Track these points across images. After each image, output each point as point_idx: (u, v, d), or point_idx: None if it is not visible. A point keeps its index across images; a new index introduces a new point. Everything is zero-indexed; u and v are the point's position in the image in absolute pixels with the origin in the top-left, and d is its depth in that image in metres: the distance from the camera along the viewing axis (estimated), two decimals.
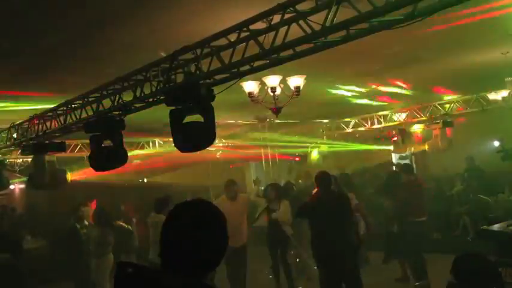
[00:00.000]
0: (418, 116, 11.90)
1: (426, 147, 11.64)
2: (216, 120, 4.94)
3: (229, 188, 8.14)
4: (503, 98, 9.70)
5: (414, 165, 14.92)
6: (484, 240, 5.80)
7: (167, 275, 1.78)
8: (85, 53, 5.96)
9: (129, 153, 6.37)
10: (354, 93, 10.19)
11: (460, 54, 7.74)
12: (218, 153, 14.19)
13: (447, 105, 11.35)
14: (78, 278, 8.45)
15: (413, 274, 8.16)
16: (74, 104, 6.46)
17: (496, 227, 5.80)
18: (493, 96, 9.93)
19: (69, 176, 7.65)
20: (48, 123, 7.01)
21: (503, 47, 7.46)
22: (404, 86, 9.81)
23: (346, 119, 13.65)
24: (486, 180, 11.10)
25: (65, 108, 6.60)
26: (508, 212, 8.71)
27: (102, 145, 6.02)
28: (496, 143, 12.32)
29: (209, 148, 5.61)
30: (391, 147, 13.43)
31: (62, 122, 6.69)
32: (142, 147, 12.55)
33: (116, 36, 5.42)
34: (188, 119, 4.97)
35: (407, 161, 15.12)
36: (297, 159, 15.79)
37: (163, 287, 1.72)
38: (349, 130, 13.71)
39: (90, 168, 6.13)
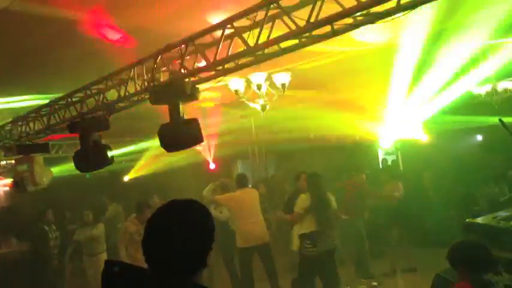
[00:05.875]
0: None
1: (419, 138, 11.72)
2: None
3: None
4: (487, 92, 9.80)
5: (400, 160, 15.07)
6: (470, 233, 5.84)
7: (153, 274, 1.76)
8: (66, 54, 5.89)
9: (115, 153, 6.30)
10: None
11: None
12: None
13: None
14: (40, 282, 8.45)
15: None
16: (58, 104, 6.38)
17: (481, 219, 5.84)
18: (476, 90, 10.01)
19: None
20: (31, 124, 6.92)
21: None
22: None
23: None
24: (470, 173, 11.18)
25: (48, 108, 6.51)
26: (492, 204, 8.80)
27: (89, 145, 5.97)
28: (479, 137, 12.47)
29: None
30: None
31: (46, 122, 6.60)
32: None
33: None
34: None
35: (393, 157, 15.24)
36: None
37: (149, 286, 1.70)
38: None
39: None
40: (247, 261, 7.63)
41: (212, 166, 14.20)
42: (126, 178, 14.61)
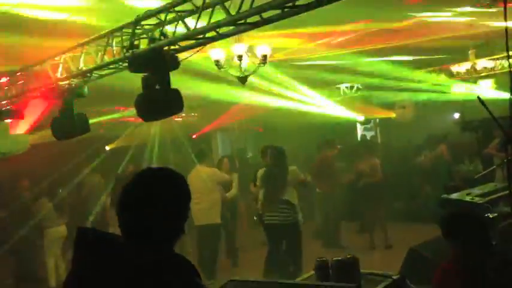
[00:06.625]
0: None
1: (393, 115, 11.91)
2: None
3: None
4: (467, 70, 9.90)
5: (379, 136, 15.24)
6: (444, 208, 5.95)
7: (127, 242, 1.74)
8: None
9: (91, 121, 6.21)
10: None
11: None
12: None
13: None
14: (22, 251, 8.35)
15: None
16: (32, 69, 6.20)
17: (455, 195, 5.95)
18: (456, 68, 10.10)
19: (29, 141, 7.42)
20: (5, 89, 6.73)
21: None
22: None
23: None
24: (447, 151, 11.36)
25: (22, 74, 6.33)
26: (467, 181, 8.97)
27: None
28: (457, 115, 12.62)
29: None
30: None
31: (20, 88, 6.43)
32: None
33: None
34: None
35: (372, 133, 15.37)
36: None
37: (123, 253, 1.68)
38: None
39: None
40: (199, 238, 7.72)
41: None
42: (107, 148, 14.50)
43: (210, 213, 7.44)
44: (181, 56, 4.96)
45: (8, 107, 6.93)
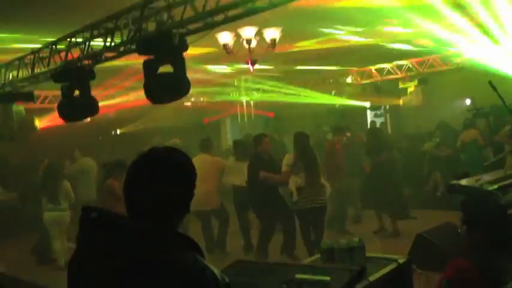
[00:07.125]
0: (394, 73, 11.94)
1: (401, 102, 11.84)
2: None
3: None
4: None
5: (389, 123, 15.16)
6: (453, 194, 5.92)
7: (132, 220, 1.75)
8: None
9: (100, 104, 6.21)
10: None
11: None
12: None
13: (423, 63, 11.40)
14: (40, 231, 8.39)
15: None
16: (42, 52, 6.22)
17: (464, 181, 5.90)
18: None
19: (38, 123, 7.45)
20: (15, 72, 6.77)
21: None
22: None
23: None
24: (456, 137, 11.29)
25: (32, 56, 6.35)
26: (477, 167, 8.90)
27: (74, 95, 5.86)
28: (468, 101, 12.49)
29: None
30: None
31: (30, 71, 6.46)
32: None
33: None
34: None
35: (382, 119, 15.27)
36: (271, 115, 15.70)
37: (126, 231, 1.69)
38: None
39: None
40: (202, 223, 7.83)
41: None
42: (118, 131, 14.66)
43: (209, 198, 7.51)
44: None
45: (18, 90, 7.00)
